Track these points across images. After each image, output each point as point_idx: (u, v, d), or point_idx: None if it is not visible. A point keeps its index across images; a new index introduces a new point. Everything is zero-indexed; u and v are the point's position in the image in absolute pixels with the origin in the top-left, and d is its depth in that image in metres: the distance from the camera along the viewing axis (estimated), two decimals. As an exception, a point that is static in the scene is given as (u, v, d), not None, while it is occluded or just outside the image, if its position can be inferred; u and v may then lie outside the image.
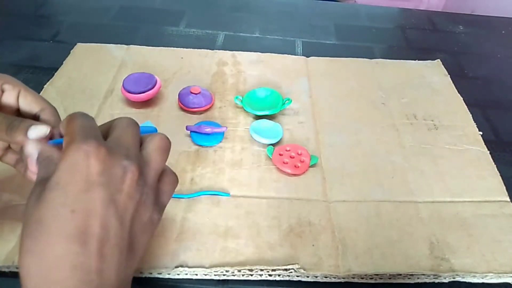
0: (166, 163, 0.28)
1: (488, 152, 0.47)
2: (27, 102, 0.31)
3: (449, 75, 0.59)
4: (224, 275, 0.34)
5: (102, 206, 0.23)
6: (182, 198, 0.39)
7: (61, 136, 0.27)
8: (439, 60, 0.62)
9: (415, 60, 0.62)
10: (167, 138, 0.28)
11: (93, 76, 0.54)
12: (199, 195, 0.40)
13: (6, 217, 0.37)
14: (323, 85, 0.56)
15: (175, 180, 0.29)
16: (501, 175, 0.44)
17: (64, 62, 0.56)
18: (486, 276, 0.35)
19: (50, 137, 0.28)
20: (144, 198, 0.25)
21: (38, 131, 0.27)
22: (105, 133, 0.27)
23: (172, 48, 0.60)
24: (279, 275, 0.35)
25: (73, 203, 0.22)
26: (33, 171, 0.27)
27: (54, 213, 0.22)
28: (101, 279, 0.22)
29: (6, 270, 0.33)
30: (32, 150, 0.27)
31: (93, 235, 0.22)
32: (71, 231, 0.22)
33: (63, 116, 0.32)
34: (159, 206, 0.27)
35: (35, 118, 0.31)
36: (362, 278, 0.35)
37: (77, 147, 0.23)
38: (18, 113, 0.32)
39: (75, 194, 0.22)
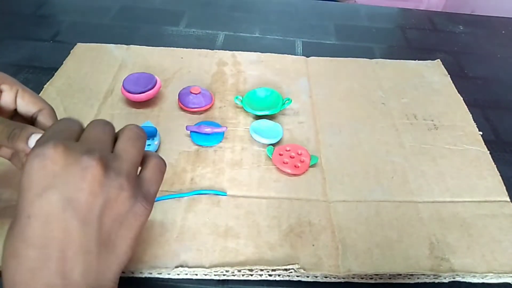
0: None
1: (488, 152, 0.47)
2: (25, 103, 0.31)
3: (449, 75, 0.59)
4: (224, 275, 0.34)
5: (59, 209, 0.22)
6: (177, 197, 0.39)
7: None
8: (439, 60, 0.62)
9: (415, 60, 0.62)
10: (137, 128, 0.27)
11: (93, 76, 0.54)
12: (194, 194, 0.40)
13: (6, 217, 0.37)
14: (323, 85, 0.56)
15: (160, 164, 0.28)
16: (501, 175, 0.44)
17: (64, 62, 0.56)
18: (486, 276, 0.35)
19: None
20: (117, 192, 0.24)
21: None
22: None
23: (172, 48, 0.60)
24: (279, 275, 0.35)
25: (28, 208, 0.22)
26: None
27: (15, 220, 0.23)
28: (65, 281, 0.22)
29: (6, 270, 0.33)
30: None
31: (51, 239, 0.22)
32: (28, 236, 0.22)
33: (62, 116, 0.32)
34: (144, 196, 0.26)
35: (33, 119, 0.31)
36: (362, 278, 0.35)
37: (33, 152, 0.23)
38: (15, 112, 0.32)
39: (30, 200, 0.22)
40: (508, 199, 0.42)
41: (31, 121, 0.31)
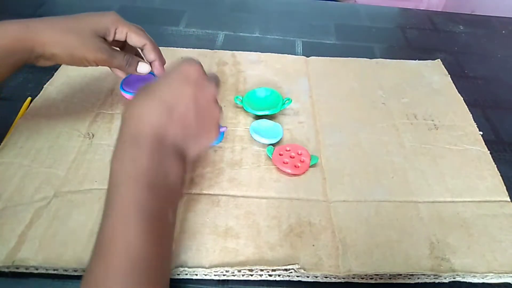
0: None
1: (488, 152, 0.47)
2: (133, 40, 0.43)
3: (449, 75, 0.59)
4: (224, 275, 0.34)
5: (187, 99, 0.33)
6: None
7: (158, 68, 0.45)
8: (439, 60, 0.62)
9: (415, 60, 0.62)
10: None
11: (93, 76, 0.54)
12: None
13: (6, 217, 0.36)
14: (323, 85, 0.56)
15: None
16: (501, 175, 0.44)
17: (64, 62, 0.56)
18: (486, 276, 0.35)
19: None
20: (215, 115, 0.35)
21: (143, 68, 0.44)
22: None
23: (172, 48, 0.60)
24: (279, 275, 0.35)
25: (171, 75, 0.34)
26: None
27: (153, 84, 0.33)
28: (167, 136, 0.31)
29: (6, 270, 0.33)
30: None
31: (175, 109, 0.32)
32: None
33: (61, 115, 0.32)
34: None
35: (140, 50, 0.45)
36: (362, 278, 0.35)
37: (184, 61, 0.34)
38: (125, 45, 0.45)
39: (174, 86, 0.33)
40: (508, 199, 0.42)
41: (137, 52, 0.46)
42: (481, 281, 0.36)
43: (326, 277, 0.35)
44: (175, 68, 0.34)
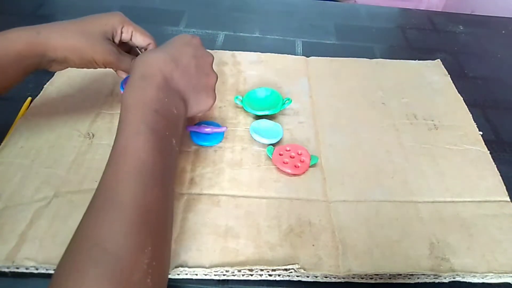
0: None
1: (488, 152, 0.47)
2: (138, 40, 0.45)
3: (449, 75, 0.59)
4: (224, 275, 0.34)
5: (189, 56, 0.38)
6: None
7: None
8: (439, 60, 0.62)
9: (415, 60, 0.62)
10: None
11: (93, 76, 0.54)
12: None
13: (6, 217, 0.36)
14: (323, 85, 0.56)
15: None
16: (501, 175, 0.44)
17: (64, 62, 0.56)
18: (486, 276, 0.35)
19: None
20: (212, 78, 0.40)
21: None
22: None
23: (172, 48, 0.60)
24: (279, 275, 0.35)
25: (175, 41, 0.40)
26: None
27: (162, 47, 0.39)
28: (172, 80, 0.36)
29: (6, 270, 0.33)
30: None
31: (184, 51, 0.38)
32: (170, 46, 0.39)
33: (60, 117, 0.32)
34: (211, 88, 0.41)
35: (144, 49, 0.47)
36: (362, 278, 0.35)
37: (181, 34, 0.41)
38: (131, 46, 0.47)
39: (176, 47, 0.39)
40: (508, 199, 0.42)
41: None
42: (481, 281, 0.36)
43: (326, 277, 0.35)
44: (178, 36, 0.40)
